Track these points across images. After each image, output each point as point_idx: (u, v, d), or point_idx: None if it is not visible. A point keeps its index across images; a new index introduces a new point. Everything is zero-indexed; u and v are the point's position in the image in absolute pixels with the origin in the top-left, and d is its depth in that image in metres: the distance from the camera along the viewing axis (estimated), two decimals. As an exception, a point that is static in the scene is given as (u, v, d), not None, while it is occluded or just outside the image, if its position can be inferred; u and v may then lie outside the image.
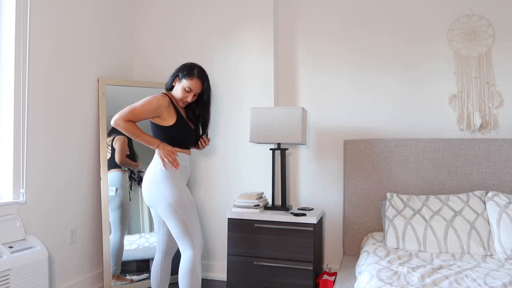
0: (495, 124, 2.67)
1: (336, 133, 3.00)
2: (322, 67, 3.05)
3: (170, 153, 2.11)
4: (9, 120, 2.25)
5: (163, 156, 2.10)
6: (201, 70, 2.23)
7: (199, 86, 2.20)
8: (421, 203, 2.42)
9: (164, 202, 2.08)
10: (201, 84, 2.21)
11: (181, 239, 2.10)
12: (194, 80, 2.18)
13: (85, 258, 2.79)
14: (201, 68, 2.24)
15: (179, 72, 2.22)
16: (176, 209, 2.07)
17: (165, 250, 2.33)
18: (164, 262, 2.33)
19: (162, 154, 2.10)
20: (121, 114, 2.05)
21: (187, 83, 2.17)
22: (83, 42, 2.78)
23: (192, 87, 2.18)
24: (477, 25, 2.71)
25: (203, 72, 2.23)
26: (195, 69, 2.20)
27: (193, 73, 2.19)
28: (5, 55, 2.26)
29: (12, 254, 2.03)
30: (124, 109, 2.06)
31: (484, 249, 2.17)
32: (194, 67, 2.22)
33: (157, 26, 3.31)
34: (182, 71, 2.21)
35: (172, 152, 2.12)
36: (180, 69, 2.23)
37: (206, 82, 2.23)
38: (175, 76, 2.23)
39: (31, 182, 2.36)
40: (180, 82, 2.20)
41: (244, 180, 3.07)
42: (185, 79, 2.18)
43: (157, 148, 2.12)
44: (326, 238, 3.01)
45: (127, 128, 2.05)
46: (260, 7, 3.04)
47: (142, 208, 2.97)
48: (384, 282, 1.71)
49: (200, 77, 2.20)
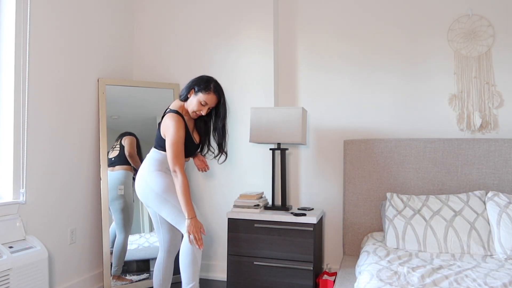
0: (495, 124, 2.67)
1: (336, 133, 3.00)
2: (322, 68, 3.04)
3: (198, 230, 2.11)
4: (9, 120, 2.25)
5: (191, 230, 2.09)
6: (218, 85, 2.26)
7: (214, 101, 2.23)
8: (421, 203, 2.42)
9: (152, 194, 2.13)
10: (217, 98, 2.24)
11: (178, 223, 2.15)
12: (211, 94, 2.20)
13: (85, 258, 2.79)
14: (217, 83, 2.28)
15: (195, 85, 2.24)
16: (164, 196, 2.12)
17: (167, 249, 2.35)
18: (167, 261, 2.35)
19: (191, 229, 2.10)
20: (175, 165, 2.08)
21: (203, 97, 2.19)
22: (83, 42, 2.78)
23: (208, 101, 2.20)
24: (477, 25, 2.71)
25: (219, 86, 2.27)
26: (212, 83, 2.23)
27: (209, 87, 2.20)
28: (5, 55, 2.26)
29: (12, 254, 2.03)
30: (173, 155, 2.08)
31: (484, 249, 2.17)
32: (211, 81, 2.24)
33: (157, 26, 3.31)
34: (198, 84, 2.23)
35: (201, 230, 2.13)
36: (197, 82, 2.24)
37: (223, 97, 2.26)
38: (191, 88, 2.24)
39: (31, 182, 2.36)
40: (196, 95, 2.22)
41: (244, 180, 3.07)
42: (201, 92, 2.20)
43: (189, 220, 2.11)
44: (326, 238, 3.01)
45: (183, 184, 2.08)
46: (260, 7, 3.03)
47: (142, 208, 2.97)
48: (384, 282, 1.71)
49: (217, 92, 2.23)
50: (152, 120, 3.05)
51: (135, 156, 2.91)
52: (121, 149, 2.88)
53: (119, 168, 2.86)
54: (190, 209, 2.11)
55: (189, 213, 2.10)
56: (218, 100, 2.25)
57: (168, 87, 3.12)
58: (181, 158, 2.11)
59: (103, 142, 2.84)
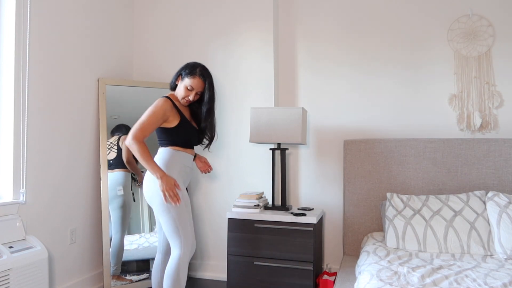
0: (495, 124, 2.67)
1: (336, 133, 3.00)
2: (322, 68, 3.04)
3: (172, 187, 2.03)
4: (9, 120, 2.25)
5: (164, 189, 2.02)
6: (204, 69, 2.22)
7: (200, 85, 2.19)
8: (421, 203, 2.42)
9: (158, 199, 2.08)
10: (203, 82, 2.19)
11: (170, 237, 2.10)
12: (196, 78, 2.17)
13: (85, 258, 2.79)
14: (204, 67, 2.23)
15: (182, 70, 2.22)
16: (168, 206, 2.06)
17: (165, 250, 2.34)
18: (165, 261, 2.33)
19: (164, 187, 2.02)
20: (132, 134, 2.03)
21: (189, 81, 2.17)
22: (83, 42, 2.78)
23: (193, 85, 2.17)
24: (477, 25, 2.71)
25: (206, 70, 2.22)
26: (198, 68, 2.20)
27: (195, 72, 2.18)
28: (5, 55, 2.26)
29: (12, 254, 2.03)
30: (134, 128, 2.04)
31: (484, 249, 2.17)
32: (197, 66, 2.21)
33: (157, 27, 3.31)
34: (185, 69, 2.21)
35: (175, 186, 2.05)
36: (183, 68, 2.23)
37: (208, 79, 2.21)
38: (178, 75, 2.23)
39: (31, 182, 2.36)
40: (183, 80, 2.19)
41: (244, 180, 3.07)
42: (187, 77, 2.18)
43: (159, 179, 2.03)
44: (326, 238, 3.00)
45: (139, 151, 2.02)
46: (260, 9, 3.04)
47: (142, 208, 2.97)
48: (384, 282, 1.71)
49: (202, 76, 2.18)
50: (152, 120, 3.05)
51: (133, 162, 2.90)
52: (118, 151, 2.88)
53: (118, 170, 2.86)
54: (157, 169, 2.03)
55: (157, 172, 2.02)
56: (204, 83, 2.19)
57: (168, 87, 3.11)
58: (142, 133, 2.03)
59: (103, 142, 2.84)
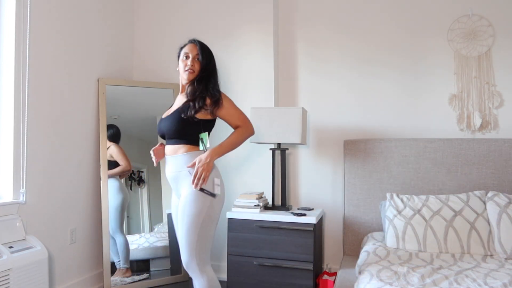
0: (495, 124, 2.67)
1: (336, 133, 2.99)
2: (322, 69, 3.04)
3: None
4: (9, 120, 2.25)
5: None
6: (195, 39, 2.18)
7: (193, 48, 2.13)
8: (421, 203, 2.42)
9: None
10: (194, 44, 2.15)
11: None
12: (187, 45, 2.15)
13: (85, 258, 2.79)
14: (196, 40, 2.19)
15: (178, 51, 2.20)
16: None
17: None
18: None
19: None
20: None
21: (183, 51, 2.14)
22: (83, 42, 2.78)
23: (187, 50, 2.12)
24: (477, 25, 2.71)
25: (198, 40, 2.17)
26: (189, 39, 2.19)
27: (185, 42, 2.17)
28: (5, 55, 2.26)
29: (12, 254, 2.03)
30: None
31: (484, 249, 2.17)
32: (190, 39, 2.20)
33: (157, 27, 3.31)
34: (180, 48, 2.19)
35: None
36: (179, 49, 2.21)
37: (200, 44, 2.15)
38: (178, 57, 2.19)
39: (31, 182, 2.36)
40: (179, 57, 2.17)
41: (244, 180, 3.06)
42: (180, 51, 2.16)
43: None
44: (326, 238, 3.00)
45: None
46: (260, 9, 3.04)
47: (142, 208, 2.97)
48: (384, 282, 1.71)
49: (192, 41, 2.16)
50: (152, 120, 3.05)
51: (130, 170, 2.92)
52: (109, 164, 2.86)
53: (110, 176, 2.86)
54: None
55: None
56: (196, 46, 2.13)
57: (168, 87, 3.12)
58: None
59: (103, 142, 2.84)
